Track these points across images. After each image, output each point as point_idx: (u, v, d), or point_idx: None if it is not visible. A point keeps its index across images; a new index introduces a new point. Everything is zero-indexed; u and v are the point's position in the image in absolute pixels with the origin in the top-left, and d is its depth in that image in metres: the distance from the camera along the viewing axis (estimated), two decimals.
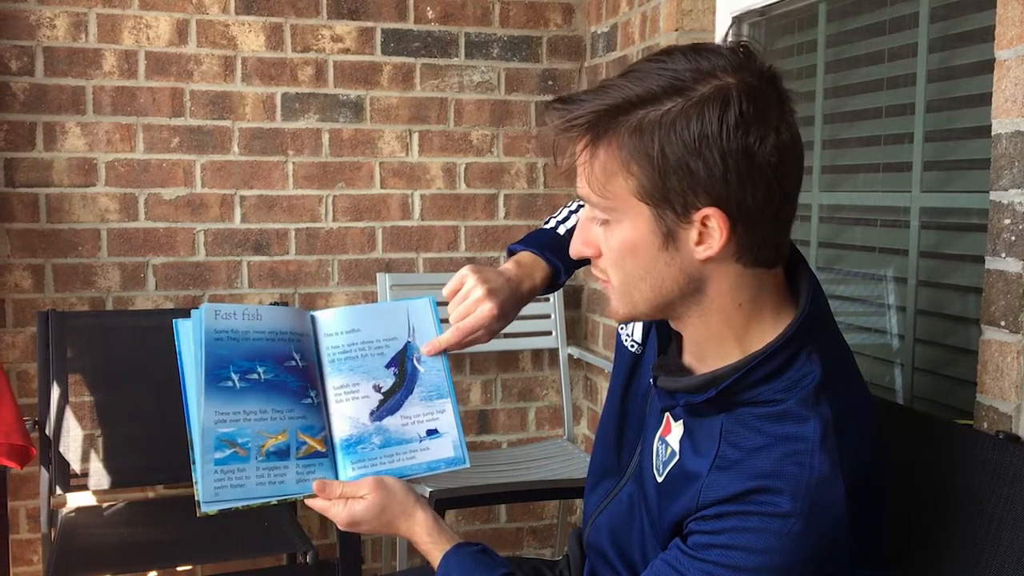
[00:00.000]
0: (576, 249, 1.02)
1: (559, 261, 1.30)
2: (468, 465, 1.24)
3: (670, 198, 0.91)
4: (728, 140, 0.88)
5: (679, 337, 1.08)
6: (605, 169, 0.93)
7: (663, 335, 1.11)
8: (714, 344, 1.00)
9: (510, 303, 1.24)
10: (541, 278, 1.30)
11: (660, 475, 1.06)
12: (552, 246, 1.31)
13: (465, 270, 1.25)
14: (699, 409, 1.00)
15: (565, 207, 1.42)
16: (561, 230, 1.36)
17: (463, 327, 1.23)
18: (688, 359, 1.06)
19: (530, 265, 1.30)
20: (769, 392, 0.95)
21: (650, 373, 1.10)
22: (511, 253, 1.34)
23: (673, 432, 1.05)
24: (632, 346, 1.22)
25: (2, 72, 2.37)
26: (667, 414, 1.07)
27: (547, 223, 1.40)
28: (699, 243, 0.93)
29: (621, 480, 1.21)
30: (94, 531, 2.20)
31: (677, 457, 1.03)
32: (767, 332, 0.97)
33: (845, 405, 0.94)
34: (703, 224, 0.91)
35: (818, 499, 0.90)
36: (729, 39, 0.94)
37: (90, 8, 2.41)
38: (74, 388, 2.29)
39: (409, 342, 1.26)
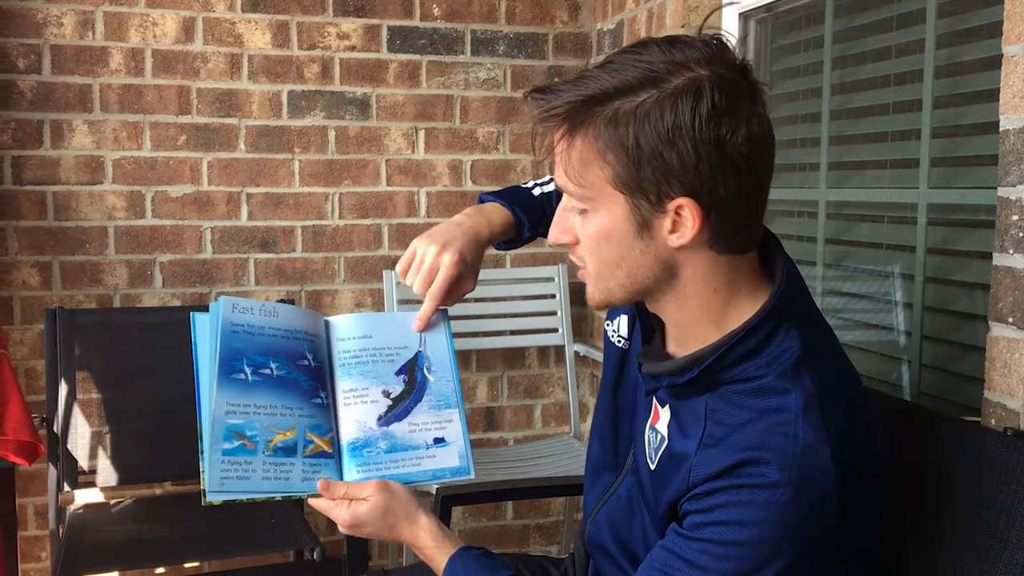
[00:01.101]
0: (554, 236, 1.04)
1: (524, 216, 1.31)
2: (473, 476, 1.24)
3: (644, 187, 0.92)
4: (700, 131, 0.89)
5: (662, 327, 1.09)
6: (582, 158, 0.94)
7: (646, 326, 1.12)
8: (693, 328, 1.02)
9: (470, 248, 1.25)
10: (500, 223, 1.30)
11: (652, 463, 1.07)
12: (521, 201, 1.32)
13: (413, 241, 1.26)
14: (683, 392, 1.01)
15: (550, 175, 1.41)
16: (537, 192, 1.36)
17: (435, 290, 1.23)
18: (671, 347, 1.08)
19: (489, 211, 1.31)
20: (750, 369, 0.96)
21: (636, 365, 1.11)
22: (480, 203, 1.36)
23: (661, 419, 1.06)
24: (619, 341, 1.23)
25: (9, 70, 2.38)
26: (655, 403, 1.08)
27: (526, 184, 1.40)
28: (672, 231, 0.94)
29: (619, 475, 1.21)
30: (102, 528, 2.20)
31: (666, 442, 1.04)
32: (745, 312, 0.98)
33: (827, 379, 0.96)
34: (676, 213, 0.93)
35: (805, 468, 0.91)
36: (704, 31, 0.95)
37: (97, 6, 2.42)
38: (82, 385, 2.29)
39: (420, 351, 1.27)
